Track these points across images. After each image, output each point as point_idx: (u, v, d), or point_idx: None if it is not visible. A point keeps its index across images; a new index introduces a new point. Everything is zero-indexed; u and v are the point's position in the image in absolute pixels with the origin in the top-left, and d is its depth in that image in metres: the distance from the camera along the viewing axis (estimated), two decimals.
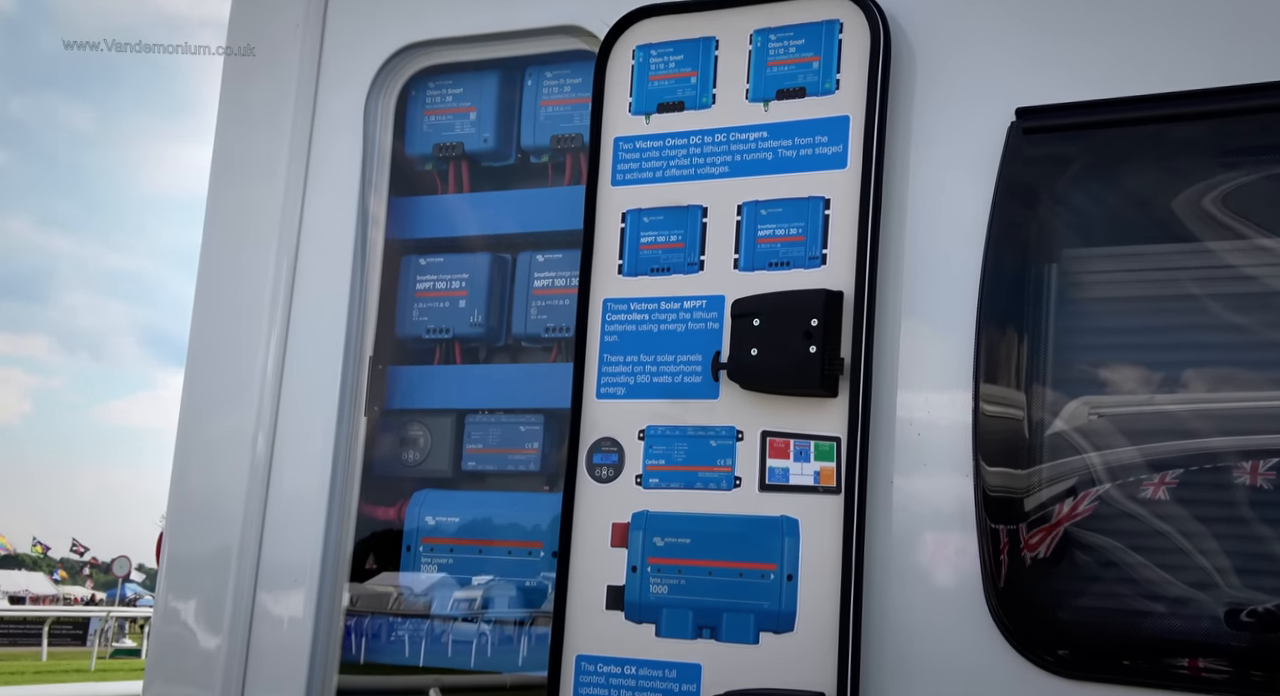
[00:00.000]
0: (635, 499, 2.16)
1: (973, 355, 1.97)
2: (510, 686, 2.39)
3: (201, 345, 2.63)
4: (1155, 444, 1.87)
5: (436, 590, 2.43)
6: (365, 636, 2.46)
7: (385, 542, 2.48)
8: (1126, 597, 1.83)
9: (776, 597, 2.02)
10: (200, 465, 2.59)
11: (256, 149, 2.64)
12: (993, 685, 1.86)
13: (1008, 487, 1.91)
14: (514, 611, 2.40)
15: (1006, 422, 1.94)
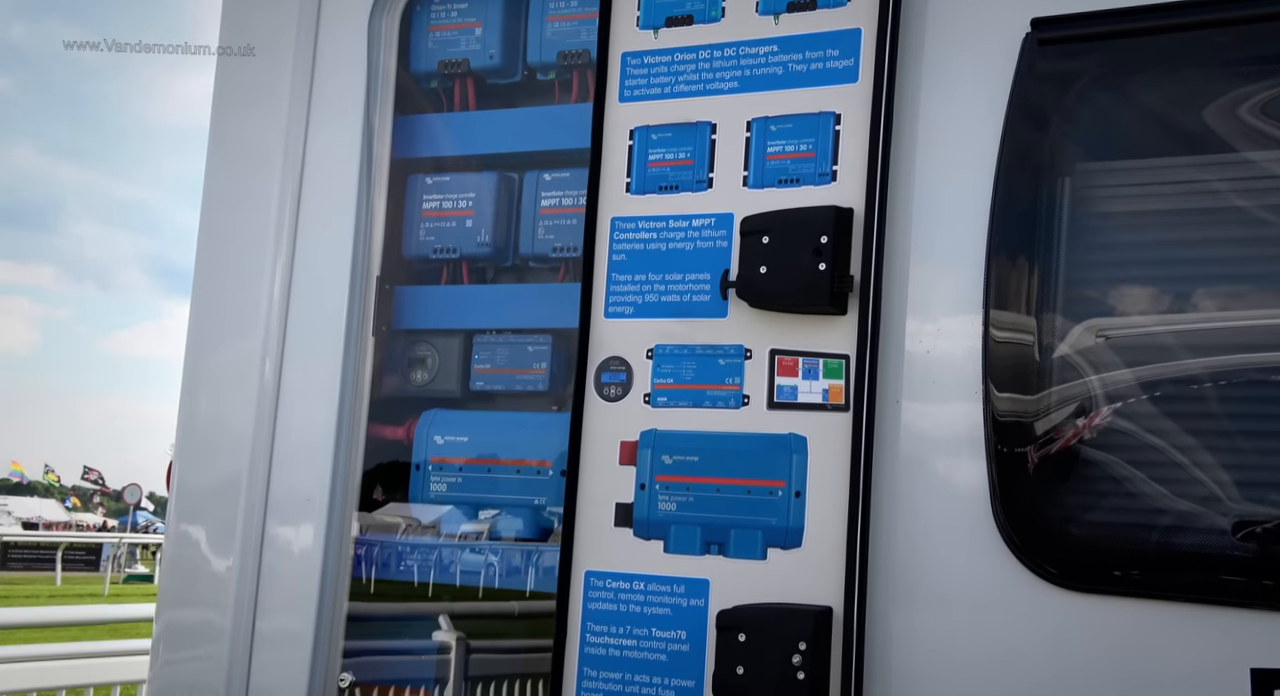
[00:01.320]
0: (643, 417, 2.16)
1: (983, 272, 1.95)
2: (519, 614, 2.41)
3: (207, 272, 2.62)
4: (1162, 363, 1.86)
5: (448, 511, 2.45)
6: (375, 562, 2.48)
7: (394, 463, 2.49)
8: (1134, 512, 1.83)
9: (784, 514, 2.03)
10: (208, 394, 2.59)
11: (259, 72, 2.61)
12: (1000, 599, 1.87)
13: (1017, 412, 1.91)
14: (523, 530, 2.41)
15: (1016, 348, 1.93)
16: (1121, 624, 1.80)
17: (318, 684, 2.35)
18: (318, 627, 2.36)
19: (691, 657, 2.04)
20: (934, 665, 1.91)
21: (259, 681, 2.38)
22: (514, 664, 2.39)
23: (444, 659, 2.41)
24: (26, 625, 6.84)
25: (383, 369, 2.55)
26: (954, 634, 1.91)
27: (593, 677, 2.10)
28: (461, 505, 2.43)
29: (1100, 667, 1.80)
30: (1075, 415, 1.88)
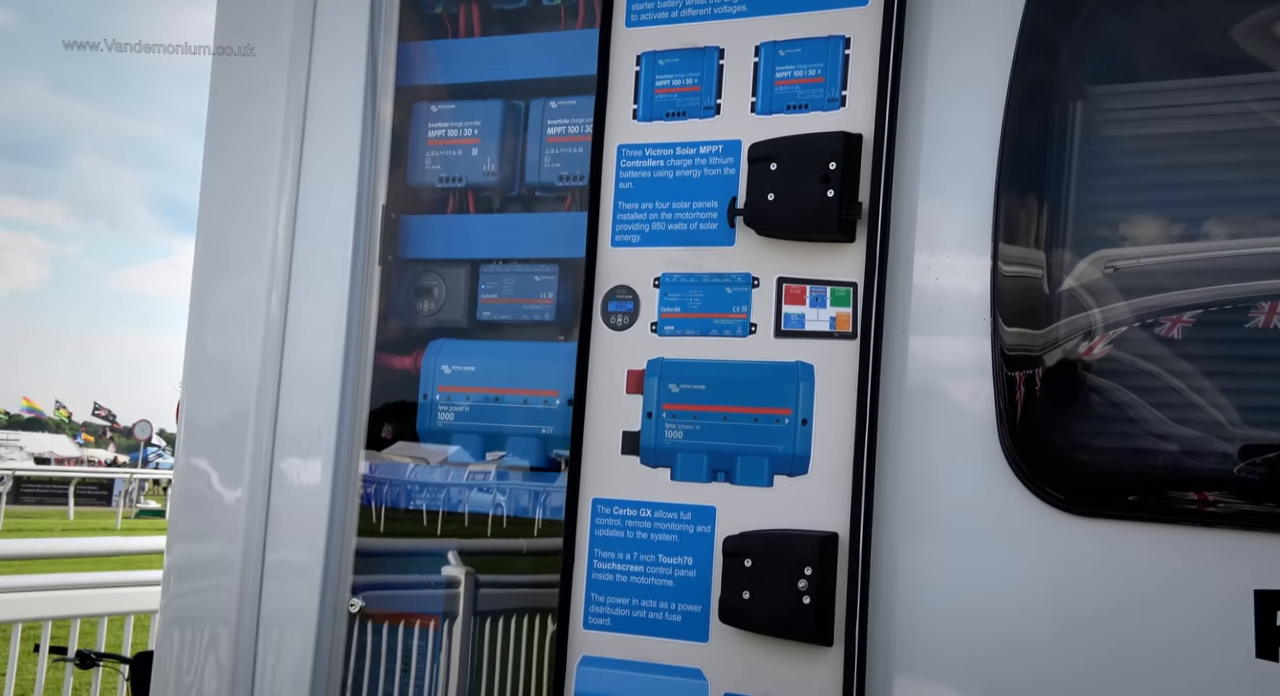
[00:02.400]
0: (650, 346, 2.16)
1: (992, 198, 1.94)
2: (526, 551, 2.43)
3: (212, 207, 2.61)
4: (1171, 292, 1.85)
5: (456, 438, 2.46)
6: (384, 499, 2.50)
7: (401, 391, 2.50)
8: (1141, 438, 1.84)
9: (791, 441, 2.04)
10: (215, 329, 2.59)
11: (261, 2, 2.58)
12: (1007, 525, 1.88)
13: (1025, 339, 1.91)
14: (530, 459, 2.42)
15: (1024, 278, 1.92)
16: (1127, 548, 1.81)
17: (327, 613, 2.38)
18: (326, 560, 2.38)
19: (698, 583, 2.06)
20: (939, 591, 1.92)
21: (269, 611, 2.41)
22: (522, 598, 2.42)
23: (453, 593, 2.43)
24: (41, 556, 6.92)
25: (389, 299, 2.55)
26: (960, 560, 1.93)
27: (600, 603, 2.12)
28: (469, 434, 2.44)
29: (1105, 591, 1.82)
30: (1083, 344, 1.88)
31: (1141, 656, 1.79)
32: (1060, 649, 1.83)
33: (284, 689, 2.37)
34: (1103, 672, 1.80)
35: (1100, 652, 1.81)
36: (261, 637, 2.39)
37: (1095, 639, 1.82)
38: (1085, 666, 1.81)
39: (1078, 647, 1.82)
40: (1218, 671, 1.74)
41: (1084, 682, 1.81)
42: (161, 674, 2.52)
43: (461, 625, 2.40)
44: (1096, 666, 1.81)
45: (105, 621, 5.92)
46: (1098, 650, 1.81)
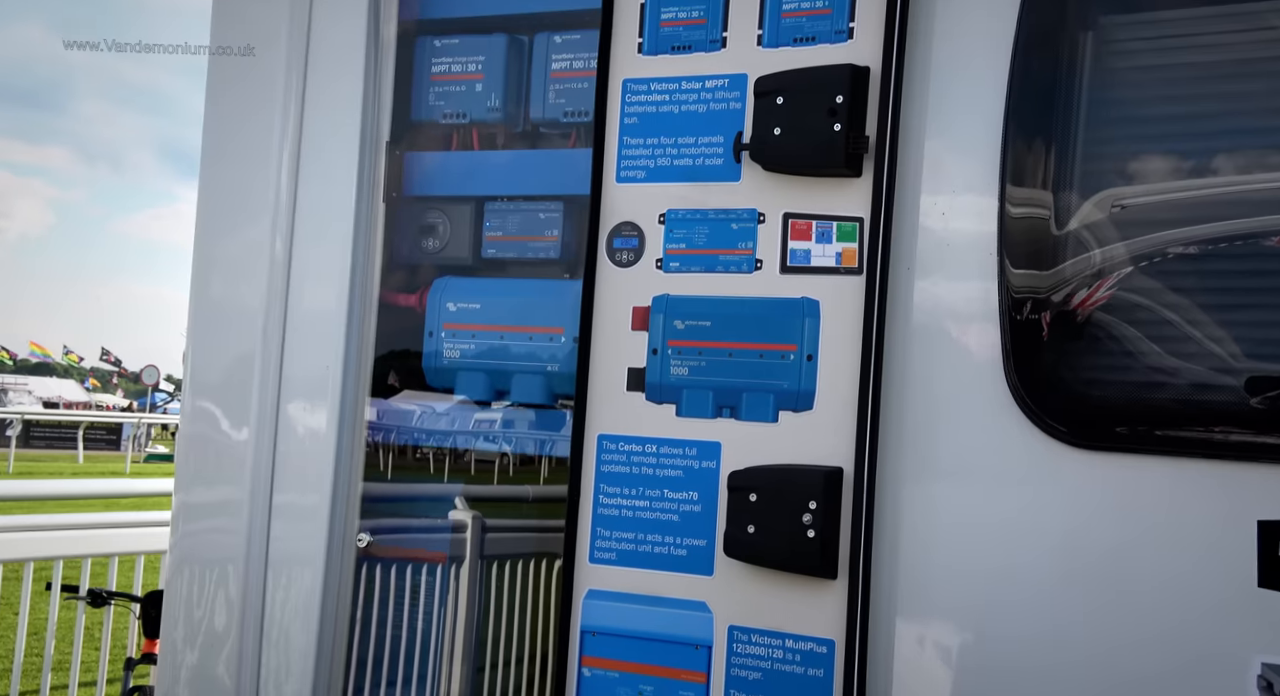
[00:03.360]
0: (655, 283, 2.16)
1: (1001, 131, 1.92)
2: (533, 499, 2.44)
3: (215, 149, 2.60)
4: (1175, 228, 1.84)
5: (461, 376, 2.46)
6: (392, 449, 2.51)
7: (408, 339, 2.50)
8: (1147, 371, 1.83)
9: (796, 377, 2.04)
10: (219, 274, 2.59)
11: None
12: (1012, 460, 1.89)
13: (1032, 281, 1.90)
14: (536, 396, 2.43)
15: (1032, 212, 1.91)
16: (1132, 481, 1.82)
17: (335, 554, 2.40)
18: (333, 502, 2.39)
19: (703, 517, 2.07)
20: (944, 525, 1.93)
21: (277, 552, 2.43)
22: (528, 543, 2.43)
23: (460, 537, 2.45)
24: (53, 497, 6.98)
25: (394, 237, 2.54)
26: (964, 495, 1.93)
27: (606, 537, 2.14)
28: (475, 372, 2.44)
29: (1109, 525, 1.83)
30: (1090, 282, 1.87)
31: (1144, 588, 1.80)
32: (1063, 581, 1.84)
33: (293, 624, 2.39)
34: (1105, 605, 1.82)
35: (1103, 585, 1.82)
36: (270, 577, 2.42)
37: (1098, 571, 1.83)
38: (1088, 599, 1.83)
39: (1080, 580, 1.83)
40: (1220, 601, 1.75)
41: (1086, 615, 1.83)
42: (172, 609, 2.55)
43: (469, 568, 2.42)
44: (1099, 599, 1.82)
45: (115, 561, 5.97)
46: (1100, 582, 1.82)
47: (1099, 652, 1.81)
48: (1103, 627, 1.82)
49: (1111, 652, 1.81)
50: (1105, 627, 1.81)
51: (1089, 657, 1.82)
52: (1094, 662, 1.81)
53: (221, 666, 2.44)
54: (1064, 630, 1.84)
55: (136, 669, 5.60)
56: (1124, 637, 1.80)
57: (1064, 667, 1.83)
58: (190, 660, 2.49)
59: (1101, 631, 1.81)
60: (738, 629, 2.03)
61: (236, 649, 2.41)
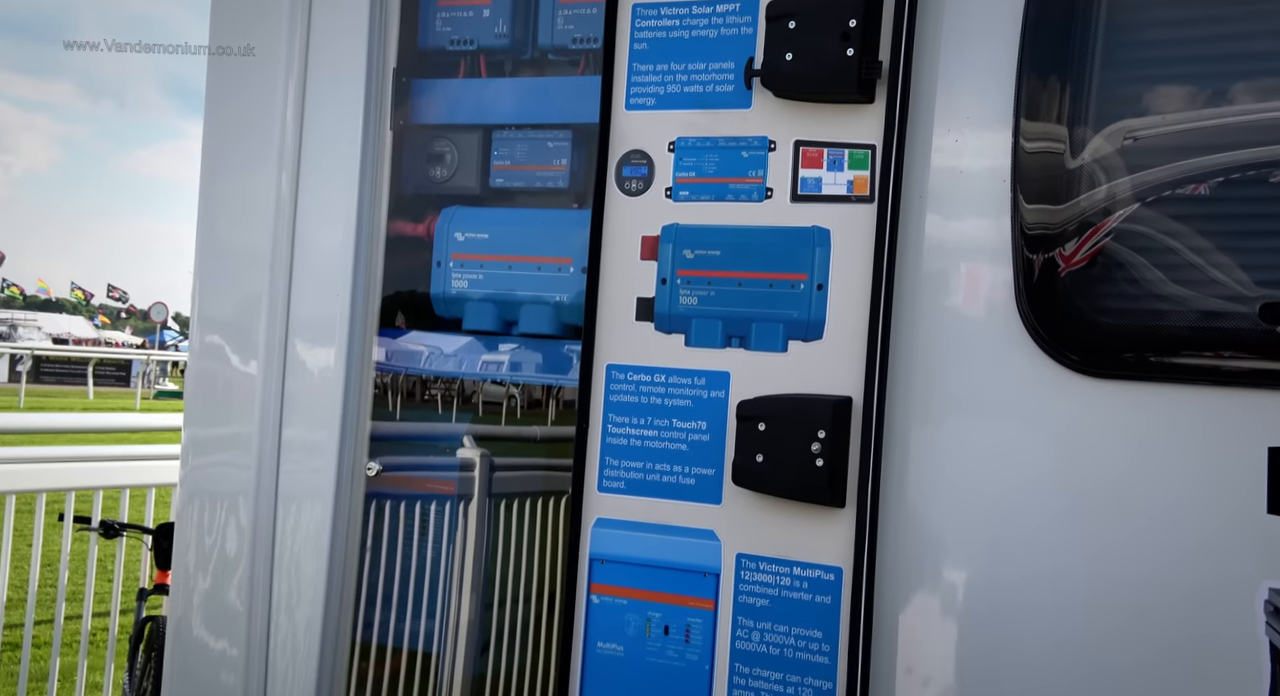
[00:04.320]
0: (665, 212, 2.14)
1: (1015, 57, 1.89)
2: (540, 439, 2.44)
3: (220, 79, 2.57)
4: (1187, 160, 1.82)
5: (469, 307, 2.45)
6: (400, 390, 2.51)
7: (415, 259, 2.49)
8: (1160, 299, 1.82)
9: (806, 307, 2.03)
10: (225, 213, 2.58)
11: None
12: (1023, 389, 1.88)
13: (1045, 211, 1.88)
14: (544, 326, 2.42)
15: (1045, 142, 1.89)
16: (1144, 408, 1.81)
17: (344, 488, 2.41)
18: (342, 438, 2.40)
19: (711, 447, 2.08)
20: (953, 454, 1.93)
21: (287, 485, 2.44)
22: (536, 481, 2.44)
23: (468, 475, 2.45)
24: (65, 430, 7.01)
25: (401, 166, 2.52)
26: (975, 422, 1.93)
27: (614, 466, 2.14)
28: (482, 302, 2.43)
29: (1121, 452, 1.82)
30: (1102, 211, 1.85)
31: (1154, 515, 1.80)
32: (1071, 509, 1.85)
33: (304, 551, 2.41)
34: (1114, 532, 1.82)
35: (1113, 512, 1.82)
36: (280, 510, 2.43)
37: (1108, 499, 1.83)
38: (1096, 527, 1.83)
39: (1089, 508, 1.84)
40: (1229, 528, 1.75)
41: (1094, 543, 1.83)
42: (183, 537, 2.57)
43: (477, 505, 2.43)
44: (1107, 526, 1.83)
45: (127, 494, 6.02)
46: (1110, 510, 1.83)
47: (1107, 578, 1.82)
48: (1111, 554, 1.82)
49: (1120, 577, 1.81)
50: (1114, 554, 1.82)
51: (1097, 584, 1.82)
52: (1102, 587, 1.82)
53: (233, 592, 2.46)
54: (1071, 558, 1.84)
55: (149, 599, 5.67)
56: (1134, 564, 1.81)
57: (1071, 593, 1.84)
58: (202, 585, 2.52)
59: (1110, 558, 1.82)
60: (746, 556, 2.04)
61: (248, 575, 2.43)
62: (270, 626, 2.42)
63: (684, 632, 2.07)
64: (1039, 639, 1.85)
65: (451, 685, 2.40)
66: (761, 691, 2.00)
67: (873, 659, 1.93)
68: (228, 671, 2.45)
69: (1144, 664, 1.79)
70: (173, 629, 2.57)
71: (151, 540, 5.68)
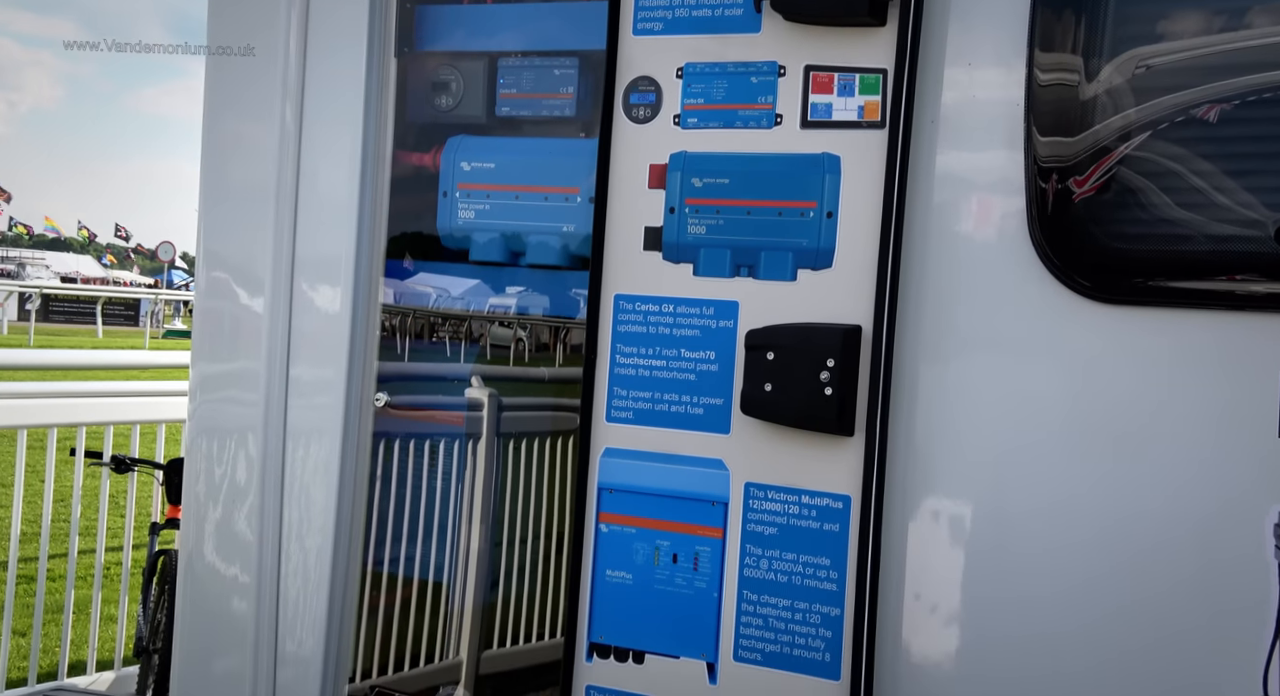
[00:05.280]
0: (673, 139, 2.11)
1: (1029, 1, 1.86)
2: (548, 379, 2.43)
3: (220, 17, 2.53)
4: (1199, 86, 1.79)
5: (476, 238, 2.43)
6: (408, 332, 2.49)
7: (421, 188, 2.47)
8: (1172, 224, 1.80)
9: (815, 235, 2.01)
10: (230, 144, 2.56)
11: None
12: (1035, 316, 1.87)
13: (1057, 139, 1.85)
14: (552, 257, 2.40)
15: (1059, 66, 1.85)
16: (1156, 334, 1.80)
17: (352, 424, 2.41)
18: (349, 375, 2.39)
19: (720, 376, 2.07)
20: (964, 383, 1.93)
21: (296, 421, 2.44)
22: (544, 421, 2.43)
23: (476, 415, 2.45)
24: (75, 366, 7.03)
25: (407, 95, 2.49)
26: (986, 351, 1.92)
27: (622, 396, 2.14)
28: (489, 232, 2.42)
29: (1134, 379, 1.81)
30: (1117, 138, 1.82)
31: (1164, 443, 1.80)
32: (1083, 436, 1.84)
33: (313, 482, 2.42)
34: (1123, 462, 1.82)
35: (1122, 442, 1.82)
36: (289, 445, 2.44)
37: (1117, 429, 1.82)
38: (1106, 457, 1.83)
39: (1099, 439, 1.83)
40: (1240, 452, 1.74)
41: (1105, 469, 1.83)
42: (193, 468, 2.58)
43: (485, 445, 2.43)
44: (1118, 456, 1.82)
45: (137, 430, 6.04)
46: (1119, 439, 1.82)
47: (1115, 507, 1.82)
48: (1119, 483, 1.82)
49: (1128, 506, 1.81)
50: (1122, 483, 1.82)
51: (1105, 514, 1.82)
52: (1110, 517, 1.82)
53: (243, 522, 2.48)
54: (1079, 487, 1.84)
55: (162, 534, 5.72)
56: (1142, 492, 1.81)
57: (1079, 522, 1.84)
58: (213, 515, 2.53)
59: (1118, 487, 1.82)
60: (754, 485, 2.04)
61: (258, 504, 2.44)
62: (281, 555, 2.43)
63: (692, 560, 2.07)
64: (1047, 566, 1.86)
65: (462, 614, 2.42)
66: (770, 618, 2.02)
67: (880, 585, 1.94)
68: (240, 598, 2.47)
69: (1152, 592, 1.79)
70: (185, 557, 2.59)
71: (163, 475, 5.71)
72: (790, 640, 2.00)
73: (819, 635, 1.98)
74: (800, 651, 1.99)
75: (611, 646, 2.13)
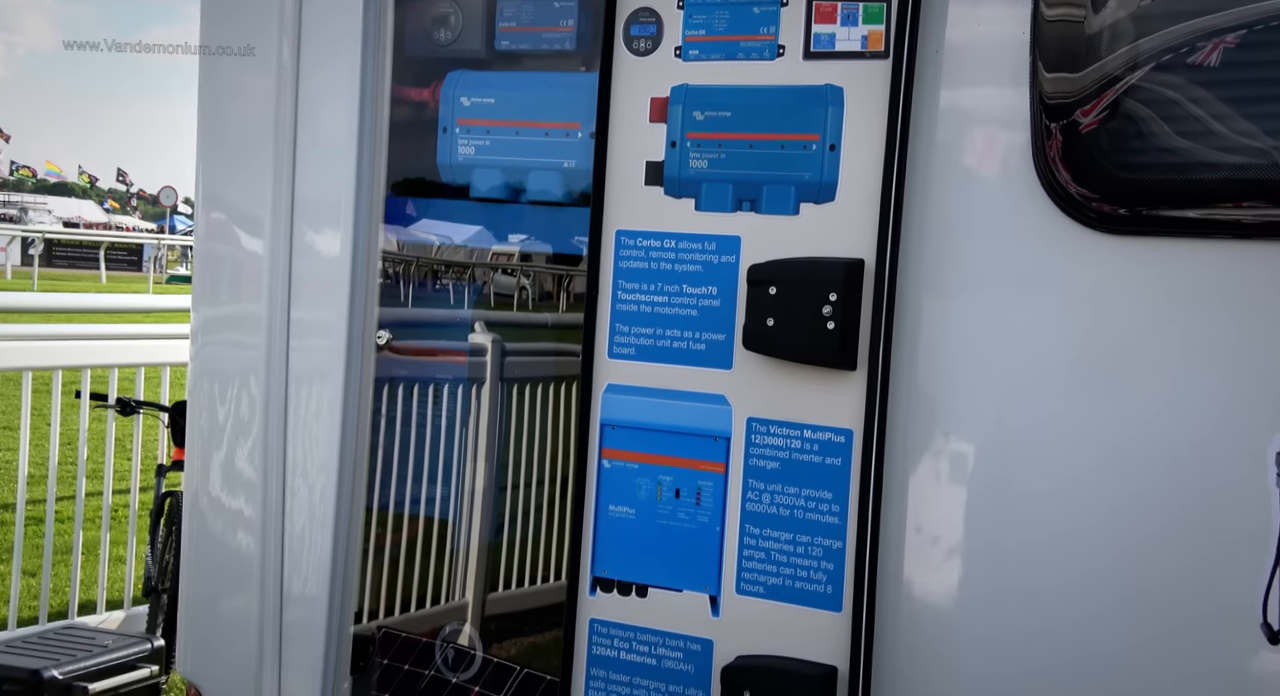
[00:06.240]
0: (674, 72, 2.09)
1: None
2: (551, 325, 2.42)
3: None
4: (1205, 16, 1.76)
5: (476, 174, 2.41)
6: (411, 279, 2.48)
7: (420, 124, 2.44)
8: (1181, 152, 1.78)
9: (818, 168, 2.00)
10: (227, 86, 2.53)
11: None
12: (1043, 251, 1.85)
13: (1063, 73, 1.82)
14: (553, 193, 2.38)
15: (1065, 24, 1.82)
16: (1161, 263, 1.79)
17: (354, 365, 2.40)
18: (350, 317, 2.39)
19: (722, 312, 2.06)
20: (967, 314, 1.92)
21: (297, 364, 2.44)
22: (547, 367, 2.42)
23: (479, 360, 2.44)
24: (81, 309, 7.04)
25: (406, 29, 2.46)
26: (990, 285, 1.91)
27: (624, 333, 2.13)
28: (490, 169, 2.39)
29: (1139, 311, 1.80)
30: (1124, 68, 1.80)
31: (1168, 370, 1.79)
32: (1087, 367, 1.83)
33: (317, 419, 2.42)
34: (1128, 390, 1.81)
35: (1125, 373, 1.81)
36: (291, 387, 2.44)
37: (1121, 361, 1.81)
38: (1109, 390, 1.82)
39: (1102, 372, 1.82)
40: (1246, 380, 1.74)
41: (1107, 406, 1.82)
42: (196, 408, 2.59)
43: (489, 390, 2.42)
44: (1121, 389, 1.81)
45: (142, 373, 6.06)
46: (1123, 372, 1.81)
47: (1119, 439, 1.82)
48: (1125, 410, 1.81)
49: (1132, 438, 1.81)
50: (1128, 410, 1.81)
51: (1109, 444, 1.82)
52: (1113, 450, 1.82)
53: (247, 458, 2.49)
54: (1086, 416, 1.83)
55: (168, 476, 5.75)
56: (1146, 424, 1.80)
57: (1085, 453, 1.84)
58: (217, 454, 2.54)
59: (1124, 414, 1.81)
60: (756, 420, 2.04)
61: (261, 440, 2.45)
62: (286, 491, 2.44)
63: (695, 495, 2.08)
64: (1049, 499, 1.86)
65: (468, 556, 2.43)
66: (772, 551, 2.03)
67: (882, 518, 1.94)
68: (245, 532, 2.48)
69: (1155, 525, 1.79)
70: (189, 495, 2.60)
71: (168, 417, 5.73)
72: (792, 573, 2.01)
73: (821, 568, 1.99)
74: (802, 584, 2.00)
75: (615, 580, 2.14)
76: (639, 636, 2.13)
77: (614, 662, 2.15)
